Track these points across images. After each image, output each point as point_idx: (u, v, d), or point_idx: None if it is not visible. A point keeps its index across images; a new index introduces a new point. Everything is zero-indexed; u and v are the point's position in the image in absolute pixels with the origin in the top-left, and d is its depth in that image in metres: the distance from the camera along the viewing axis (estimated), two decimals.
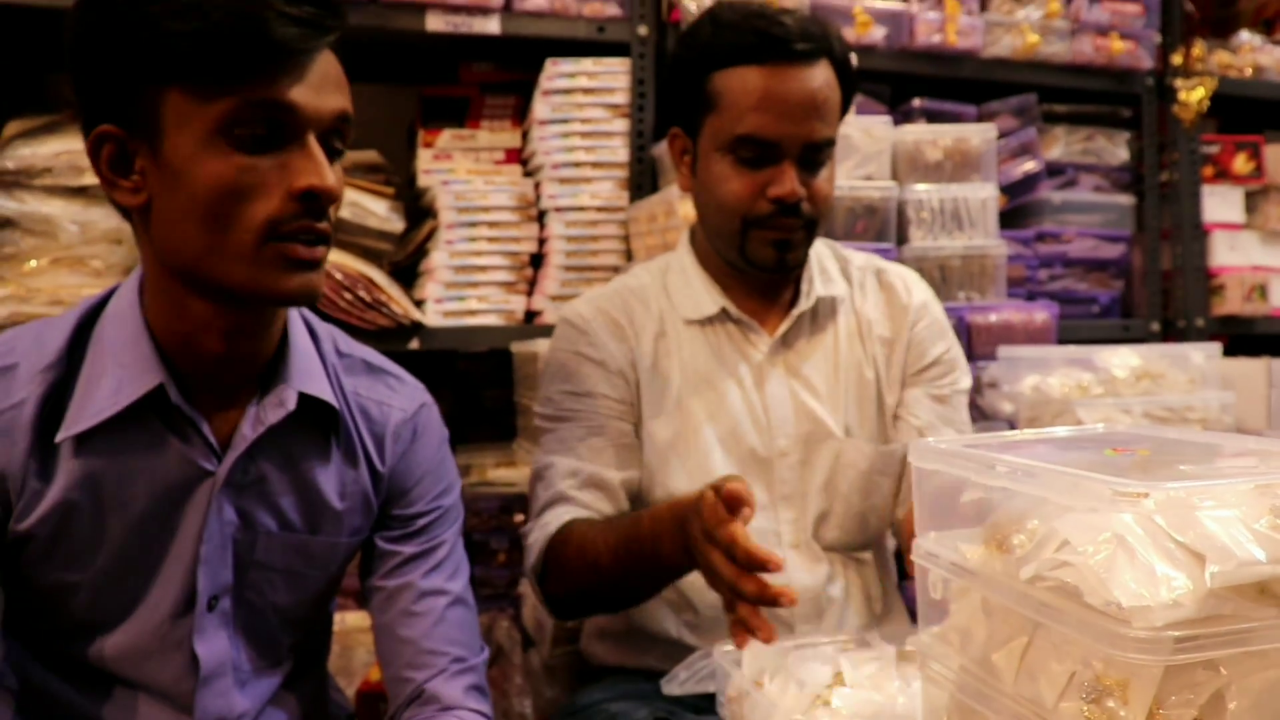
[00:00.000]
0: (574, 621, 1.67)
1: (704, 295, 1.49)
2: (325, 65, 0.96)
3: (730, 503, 1.06)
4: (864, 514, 1.48)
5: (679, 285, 1.51)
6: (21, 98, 2.23)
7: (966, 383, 1.56)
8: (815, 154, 1.39)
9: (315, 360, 1.10)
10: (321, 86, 0.95)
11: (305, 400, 1.07)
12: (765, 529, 1.44)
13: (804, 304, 1.49)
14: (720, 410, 1.45)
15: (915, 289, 1.57)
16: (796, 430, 1.46)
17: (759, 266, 1.44)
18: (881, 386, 1.51)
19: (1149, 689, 0.64)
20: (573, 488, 1.42)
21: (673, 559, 1.20)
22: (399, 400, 1.17)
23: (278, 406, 1.05)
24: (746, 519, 1.06)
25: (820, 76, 1.38)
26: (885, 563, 1.56)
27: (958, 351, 1.56)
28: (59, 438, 0.98)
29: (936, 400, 1.51)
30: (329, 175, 0.95)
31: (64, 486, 0.99)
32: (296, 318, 1.11)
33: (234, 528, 1.06)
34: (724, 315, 1.48)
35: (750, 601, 1.04)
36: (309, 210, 0.94)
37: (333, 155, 0.98)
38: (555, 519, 1.39)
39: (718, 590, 1.10)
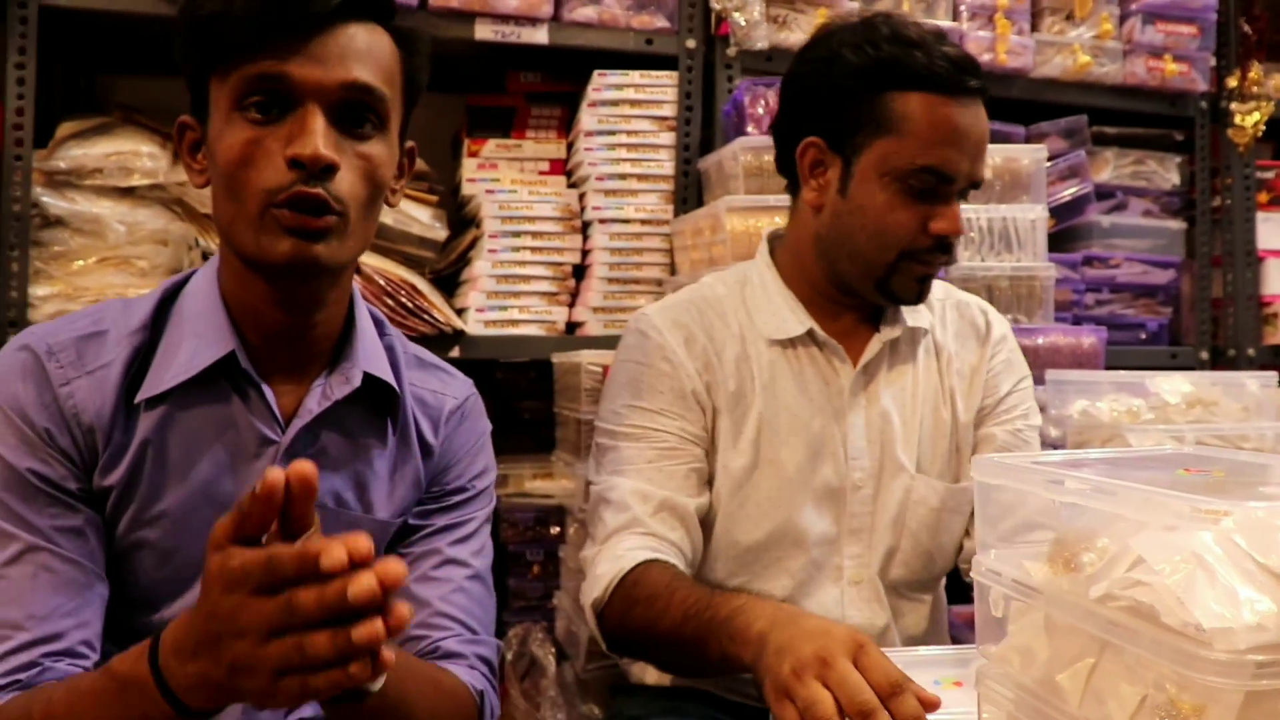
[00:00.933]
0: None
1: (788, 314, 1.40)
2: (344, 39, 0.99)
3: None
4: (931, 552, 1.42)
5: (760, 301, 1.43)
6: (74, 99, 2.26)
7: (1037, 419, 1.51)
8: (969, 192, 1.37)
9: (379, 347, 1.15)
10: (329, 58, 0.98)
11: (368, 383, 1.11)
12: (828, 563, 1.40)
13: (892, 331, 1.42)
14: (799, 437, 1.38)
15: (995, 323, 1.52)
16: (870, 463, 1.40)
17: (897, 298, 1.38)
18: (958, 423, 1.45)
19: (1228, 715, 0.61)
20: (646, 514, 1.31)
21: (733, 663, 1.07)
22: (451, 390, 1.23)
23: (344, 383, 1.09)
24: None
25: (984, 114, 1.35)
26: (939, 604, 1.52)
27: (1030, 386, 1.52)
28: (138, 398, 1.04)
29: (1009, 434, 1.46)
30: (318, 143, 0.96)
31: (139, 446, 1.04)
32: (363, 307, 1.16)
33: None
34: (809, 337, 1.41)
35: None
36: (303, 177, 0.97)
37: (353, 129, 1.01)
38: (630, 552, 1.27)
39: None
